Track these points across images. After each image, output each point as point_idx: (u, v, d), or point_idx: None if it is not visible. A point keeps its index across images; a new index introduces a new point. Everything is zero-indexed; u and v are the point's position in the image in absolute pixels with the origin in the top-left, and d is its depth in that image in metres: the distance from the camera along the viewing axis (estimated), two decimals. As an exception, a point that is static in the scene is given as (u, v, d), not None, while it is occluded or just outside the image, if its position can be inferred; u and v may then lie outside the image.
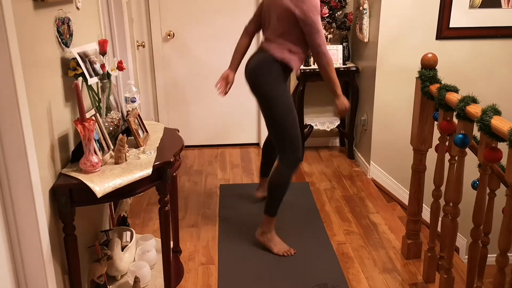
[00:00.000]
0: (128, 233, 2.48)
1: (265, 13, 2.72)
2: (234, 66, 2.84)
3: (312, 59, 3.99)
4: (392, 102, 3.69)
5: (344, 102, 2.67)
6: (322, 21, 3.98)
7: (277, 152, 2.71)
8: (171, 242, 2.29)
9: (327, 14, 3.95)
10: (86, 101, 2.03)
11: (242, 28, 4.24)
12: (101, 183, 1.76)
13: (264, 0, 2.75)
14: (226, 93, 2.82)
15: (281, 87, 2.62)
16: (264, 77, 2.61)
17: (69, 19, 1.97)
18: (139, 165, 1.93)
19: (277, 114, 2.61)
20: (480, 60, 3.68)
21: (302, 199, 3.40)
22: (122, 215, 2.66)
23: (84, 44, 2.11)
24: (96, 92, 2.15)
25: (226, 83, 2.80)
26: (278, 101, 2.59)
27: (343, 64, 4.04)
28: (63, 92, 1.95)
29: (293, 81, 4.04)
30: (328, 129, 4.31)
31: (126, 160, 1.97)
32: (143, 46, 3.99)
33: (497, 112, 1.76)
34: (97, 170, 1.85)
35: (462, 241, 3.74)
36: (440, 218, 2.41)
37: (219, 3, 4.15)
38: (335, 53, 4.00)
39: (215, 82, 2.85)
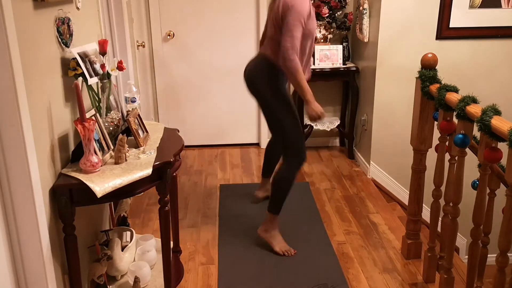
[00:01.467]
0: (128, 233, 2.48)
1: (267, 20, 2.83)
2: None
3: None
4: (392, 102, 3.69)
5: (315, 109, 2.52)
6: (321, 21, 4.00)
7: (282, 152, 2.76)
8: (171, 242, 2.29)
9: (327, 14, 3.95)
10: (86, 101, 2.03)
11: (242, 27, 4.28)
12: (101, 183, 1.76)
13: (268, 10, 2.85)
14: None
15: (278, 88, 2.65)
16: (260, 79, 2.65)
17: (69, 19, 1.97)
18: (139, 165, 1.93)
19: (276, 114, 2.64)
20: (480, 60, 3.68)
21: (302, 199, 3.40)
22: (122, 215, 2.66)
23: (84, 44, 2.11)
24: (96, 92, 2.15)
25: None
26: (276, 101, 2.63)
27: (343, 64, 4.04)
28: (63, 92, 1.95)
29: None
30: (328, 129, 4.31)
31: (126, 160, 1.97)
32: (143, 46, 4.00)
33: (497, 112, 1.76)
34: (97, 170, 1.85)
35: (462, 241, 3.73)
36: (440, 218, 2.41)
37: (219, 3, 4.15)
38: (335, 53, 4.00)
39: (215, 82, 2.88)
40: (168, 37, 4.19)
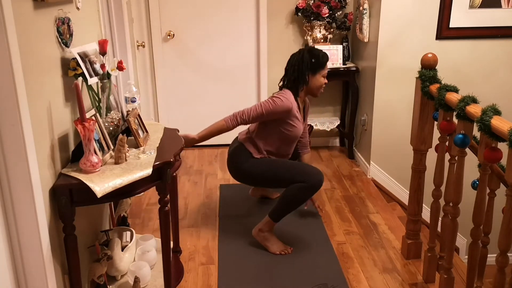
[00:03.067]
0: (128, 233, 2.48)
1: None
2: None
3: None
4: (392, 102, 3.69)
5: (188, 143, 2.72)
6: (321, 21, 4.00)
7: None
8: (171, 242, 2.29)
9: (327, 14, 3.95)
10: (86, 101, 2.03)
11: (242, 28, 4.29)
12: (101, 183, 1.76)
13: None
14: None
15: (252, 159, 2.82)
16: (237, 160, 2.85)
17: (69, 19, 1.97)
18: (139, 165, 1.93)
19: (265, 172, 2.77)
20: (480, 60, 3.67)
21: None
22: (122, 215, 2.66)
23: (84, 44, 2.11)
24: (96, 92, 2.15)
25: None
26: (254, 164, 2.79)
27: (343, 64, 4.04)
28: (63, 92, 1.95)
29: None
30: (328, 129, 4.31)
31: (126, 160, 1.97)
32: (143, 46, 3.99)
33: (497, 112, 1.76)
34: (97, 170, 1.85)
35: (462, 241, 3.74)
36: (440, 218, 2.41)
37: (219, 3, 4.15)
38: (335, 53, 4.00)
39: (215, 82, 2.88)
40: (168, 37, 4.19)
